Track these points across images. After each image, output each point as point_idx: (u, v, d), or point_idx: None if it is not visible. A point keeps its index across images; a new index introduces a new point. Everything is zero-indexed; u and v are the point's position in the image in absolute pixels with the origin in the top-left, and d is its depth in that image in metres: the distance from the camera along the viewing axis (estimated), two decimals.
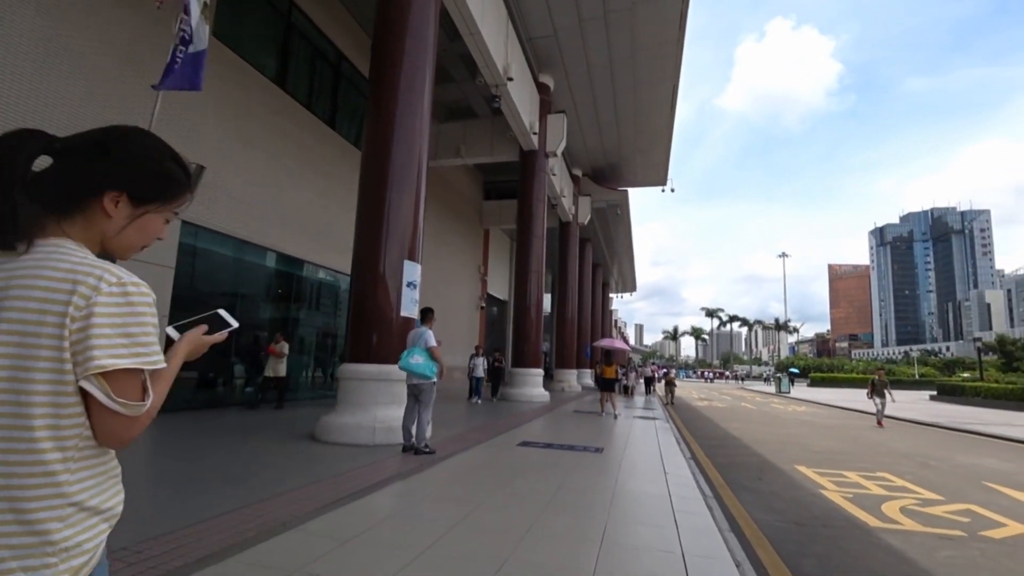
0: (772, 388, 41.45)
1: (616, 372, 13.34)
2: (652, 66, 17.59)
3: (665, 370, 21.17)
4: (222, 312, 1.21)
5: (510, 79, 13.46)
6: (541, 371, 16.57)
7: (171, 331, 1.13)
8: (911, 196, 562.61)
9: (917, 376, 57.58)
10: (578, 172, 25.86)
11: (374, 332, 7.47)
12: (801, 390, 40.66)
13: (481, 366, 14.73)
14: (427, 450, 6.33)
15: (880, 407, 14.76)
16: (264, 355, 10.99)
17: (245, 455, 6.11)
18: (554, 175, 19.51)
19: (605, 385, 13.02)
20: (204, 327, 1.15)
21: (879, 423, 14.73)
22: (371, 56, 8.52)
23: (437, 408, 8.60)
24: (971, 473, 7.67)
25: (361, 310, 7.58)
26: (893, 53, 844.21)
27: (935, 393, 30.34)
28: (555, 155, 17.79)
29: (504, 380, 17.29)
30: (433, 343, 6.49)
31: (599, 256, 38.65)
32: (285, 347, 10.83)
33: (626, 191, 27.10)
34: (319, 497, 4.22)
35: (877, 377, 15.16)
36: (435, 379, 6.51)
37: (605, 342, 20.15)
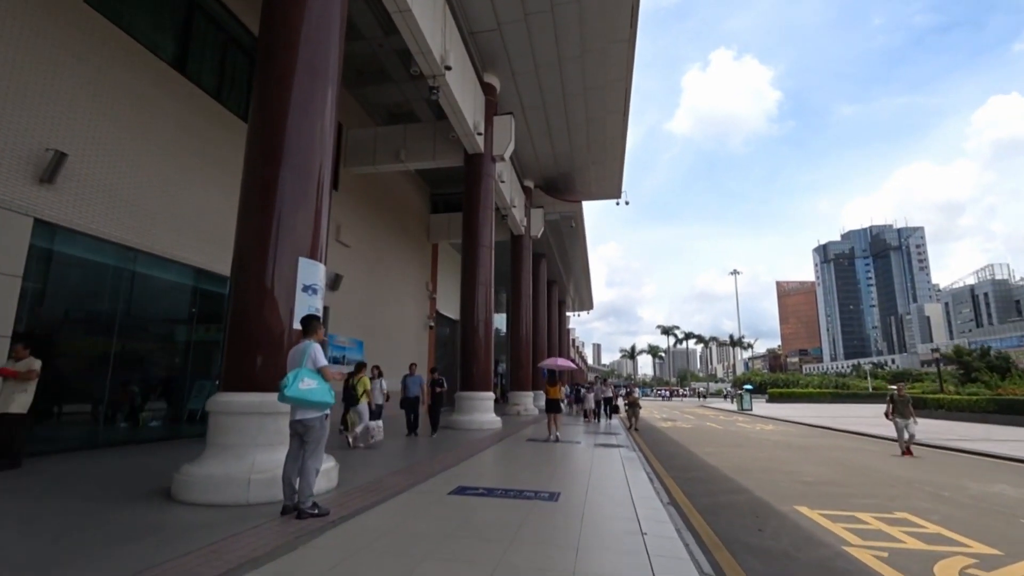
0: (733, 405, 40.87)
1: (560, 392, 12.90)
2: (603, 66, 16.58)
3: (627, 389, 18.53)
4: None
5: (448, 68, 12.03)
6: (491, 395, 14.87)
7: None
8: (850, 215, 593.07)
9: (871, 389, 58.66)
10: (530, 183, 24.64)
11: (257, 351, 5.67)
12: (761, 406, 40.21)
13: (418, 384, 12.14)
14: (313, 511, 4.55)
15: (904, 430, 11.41)
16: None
17: (55, 527, 4.19)
18: (503, 182, 18.12)
19: (550, 406, 12.39)
20: None
21: (906, 451, 11.41)
22: None
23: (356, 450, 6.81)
24: (996, 505, 6.45)
25: (241, 323, 5.78)
26: (825, 82, 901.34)
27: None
28: (503, 159, 16.42)
29: (446, 405, 15.52)
30: (324, 361, 4.79)
31: (554, 273, 37.48)
32: (33, 364, 6.72)
33: (580, 203, 25.99)
34: None
35: (896, 391, 11.89)
36: (328, 410, 4.80)
37: (547, 362, 18.72)
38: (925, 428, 18.78)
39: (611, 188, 26.80)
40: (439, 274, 25.31)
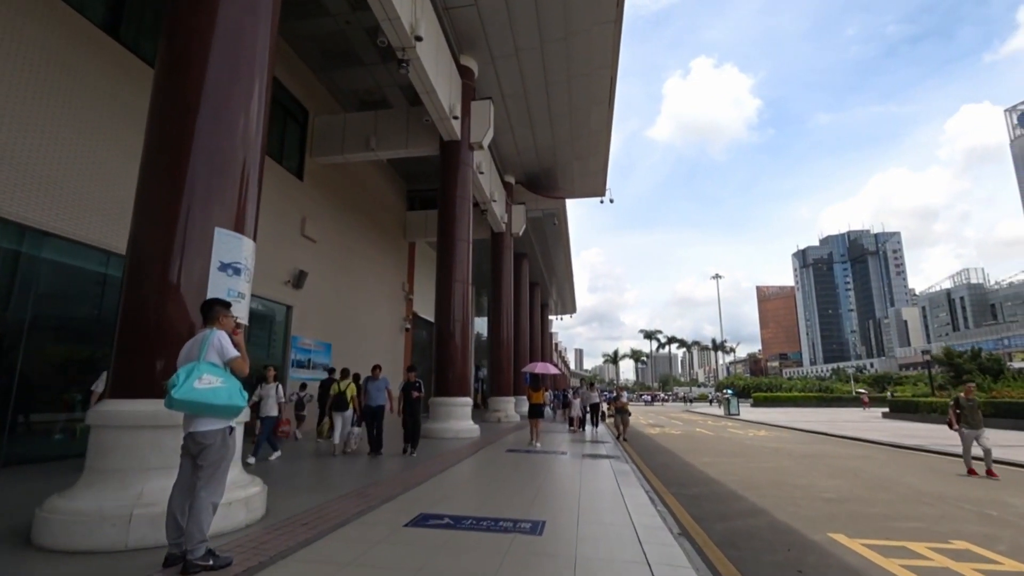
0: (719, 410, 40.10)
1: (543, 397, 12.77)
2: (587, 50, 15.58)
3: (613, 394, 16.31)
4: None
5: (419, 39, 10.87)
6: (469, 400, 13.65)
7: None
8: (829, 221, 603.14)
9: (854, 393, 58.52)
10: (511, 179, 23.54)
11: (155, 346, 4.42)
12: (748, 411, 39.51)
13: (383, 390, 9.73)
14: (206, 563, 3.31)
15: (975, 443, 8.98)
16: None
17: None
18: (481, 173, 16.98)
19: (532, 412, 12.47)
20: None
21: (987, 471, 8.85)
22: None
23: (307, 463, 5.62)
24: None
25: (136, 309, 4.52)
26: (802, 91, 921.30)
27: (887, 410, 29.56)
28: (481, 147, 15.27)
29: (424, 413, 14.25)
30: (233, 352, 3.59)
31: (537, 274, 36.40)
32: None
33: (563, 200, 24.95)
34: None
35: (963, 395, 9.30)
36: (235, 420, 3.60)
37: (531, 366, 17.69)
38: (921, 432, 18.02)
39: (595, 185, 25.84)
40: (416, 274, 24.02)
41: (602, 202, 27.67)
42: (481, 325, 35.39)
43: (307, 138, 15.14)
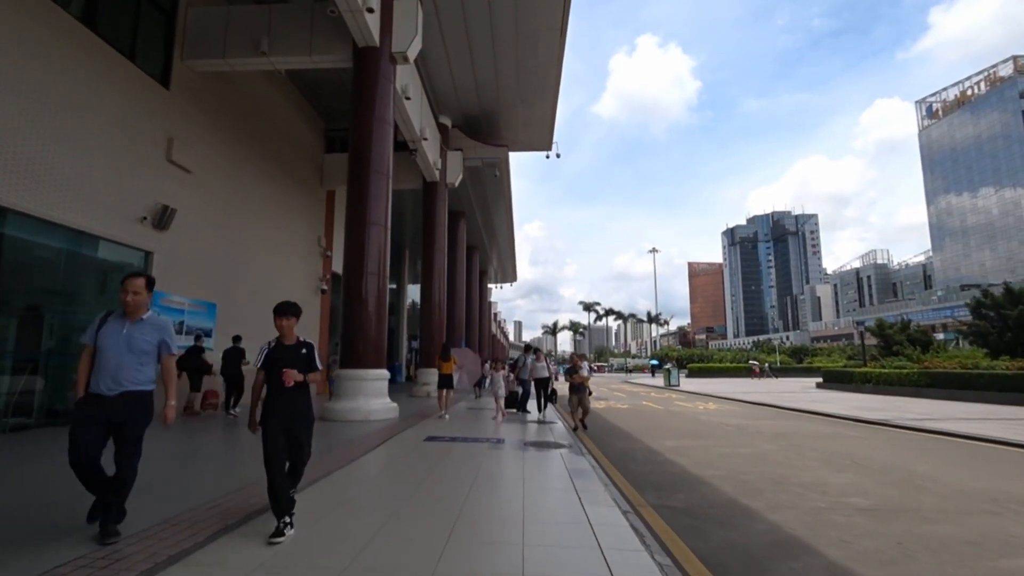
0: (658, 381, 39.56)
1: (452, 367, 11.97)
2: None
3: (567, 366, 11.38)
4: None
5: None
6: (384, 373, 11.07)
7: None
8: (755, 202, 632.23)
9: (778, 364, 60.43)
10: (446, 120, 20.63)
11: None
12: (685, 381, 39.18)
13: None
14: None
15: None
16: None
17: None
18: (408, 99, 14.04)
19: (442, 382, 11.73)
20: None
21: None
22: None
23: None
24: None
25: None
26: (736, 76, 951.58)
27: (820, 380, 29.50)
28: (406, 60, 12.33)
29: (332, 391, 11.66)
30: None
31: (476, 238, 33.77)
32: None
33: (506, 148, 22.32)
34: None
35: None
36: None
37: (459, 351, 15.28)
38: (873, 405, 17.12)
39: (541, 136, 23.34)
40: (336, 228, 20.74)
41: (548, 157, 25.35)
42: (417, 294, 32.59)
43: (176, 34, 11.67)
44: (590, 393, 11.24)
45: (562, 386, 14.35)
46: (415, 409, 13.33)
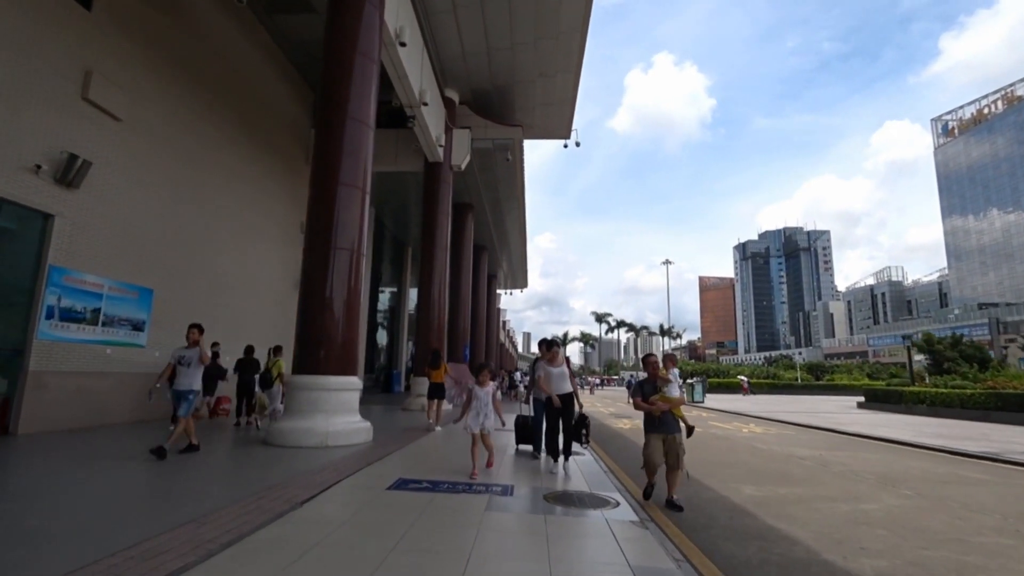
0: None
1: (443, 377, 11.09)
2: None
3: (641, 378, 6.83)
4: None
5: None
6: (355, 381, 8.33)
7: None
8: (766, 219, 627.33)
9: (799, 380, 57.07)
10: (453, 94, 18.07)
11: None
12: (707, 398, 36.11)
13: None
14: None
15: None
16: None
17: None
18: (403, 44, 11.42)
19: (432, 392, 11.00)
20: None
21: None
22: None
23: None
24: None
25: None
26: (746, 95, 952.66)
27: (862, 400, 26.42)
28: None
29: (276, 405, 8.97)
30: None
31: (484, 236, 31.08)
32: None
33: (519, 128, 19.67)
34: None
35: None
36: None
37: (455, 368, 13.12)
38: (949, 432, 13.91)
39: (560, 120, 20.74)
40: None
41: (566, 146, 22.73)
42: (414, 298, 29.93)
43: None
44: (689, 432, 6.20)
45: (596, 408, 11.32)
46: (398, 427, 10.59)
